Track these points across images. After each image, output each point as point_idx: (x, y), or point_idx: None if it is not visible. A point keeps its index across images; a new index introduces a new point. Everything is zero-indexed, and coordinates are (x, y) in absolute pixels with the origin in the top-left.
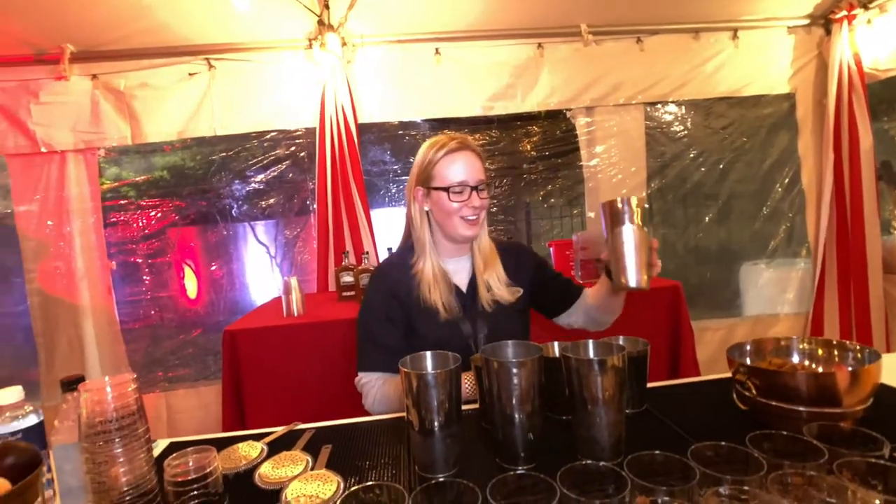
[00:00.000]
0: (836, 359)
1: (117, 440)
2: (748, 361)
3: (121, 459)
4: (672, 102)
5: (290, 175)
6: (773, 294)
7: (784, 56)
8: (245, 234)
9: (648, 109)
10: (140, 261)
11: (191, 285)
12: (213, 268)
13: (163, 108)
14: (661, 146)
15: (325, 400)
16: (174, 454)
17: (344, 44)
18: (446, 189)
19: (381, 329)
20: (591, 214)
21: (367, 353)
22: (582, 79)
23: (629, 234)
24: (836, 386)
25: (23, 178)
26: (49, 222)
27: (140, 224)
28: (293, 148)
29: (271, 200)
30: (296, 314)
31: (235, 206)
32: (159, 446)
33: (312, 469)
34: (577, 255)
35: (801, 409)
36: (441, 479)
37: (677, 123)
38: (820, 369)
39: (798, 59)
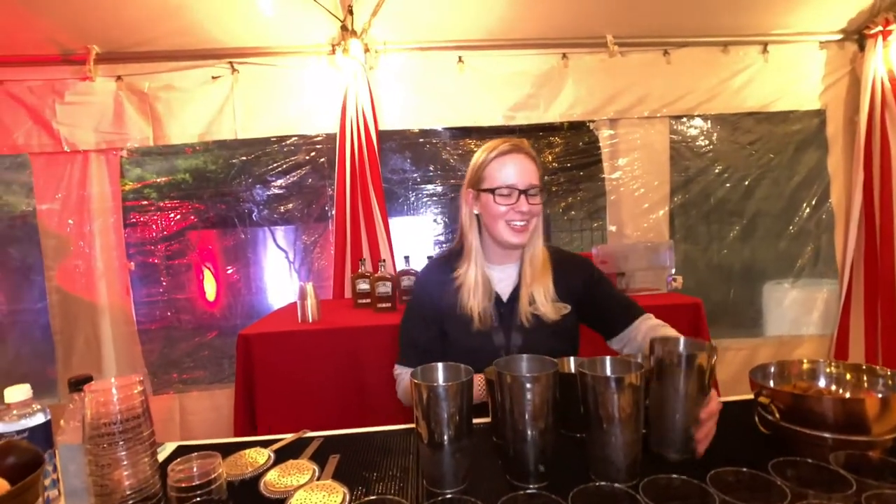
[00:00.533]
0: (865, 384)
1: (121, 443)
2: (771, 384)
3: (124, 462)
4: (698, 116)
5: (310, 180)
6: (798, 315)
7: (815, 71)
8: (264, 239)
9: (673, 123)
10: (158, 262)
11: (210, 288)
12: (230, 271)
13: (185, 111)
14: (685, 160)
15: (337, 407)
16: (178, 459)
17: (367, 50)
18: (493, 191)
19: (414, 327)
20: (612, 228)
21: (402, 346)
22: (606, 90)
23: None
24: (864, 413)
25: (45, 176)
26: (70, 221)
27: (159, 225)
28: (313, 153)
29: (290, 205)
30: (311, 320)
31: (256, 210)
32: (166, 450)
33: (318, 479)
34: None
35: (828, 435)
36: (448, 496)
37: (703, 138)
38: (847, 395)
39: (830, 74)
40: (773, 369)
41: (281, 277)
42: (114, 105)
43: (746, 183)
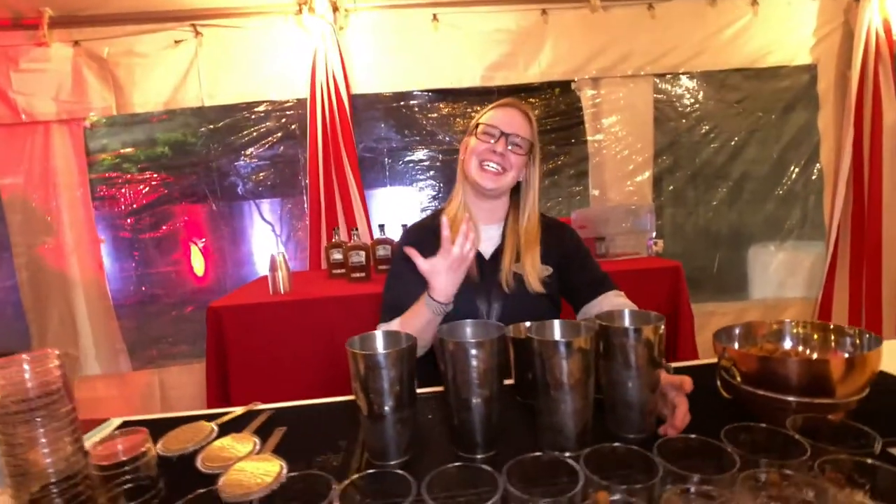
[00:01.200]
0: (833, 344)
1: (38, 420)
2: (736, 346)
3: (42, 441)
4: (683, 74)
5: (281, 148)
6: (783, 277)
7: (807, 24)
8: (250, 212)
9: (658, 81)
10: (131, 236)
11: (198, 263)
12: (201, 244)
13: (149, 77)
14: (670, 121)
15: (311, 378)
16: (102, 437)
17: (336, 9)
18: (476, 128)
19: (401, 285)
20: (595, 192)
21: (385, 307)
22: (588, 48)
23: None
24: (828, 374)
25: (6, 149)
26: (35, 195)
27: (130, 198)
28: (283, 120)
29: (262, 175)
30: (282, 291)
31: (240, 182)
32: (112, 425)
33: (259, 452)
34: None
35: (791, 398)
36: (374, 471)
37: (688, 96)
38: (814, 356)
39: (822, 27)
40: (738, 331)
41: (267, 251)
42: (72, 72)
43: (733, 143)
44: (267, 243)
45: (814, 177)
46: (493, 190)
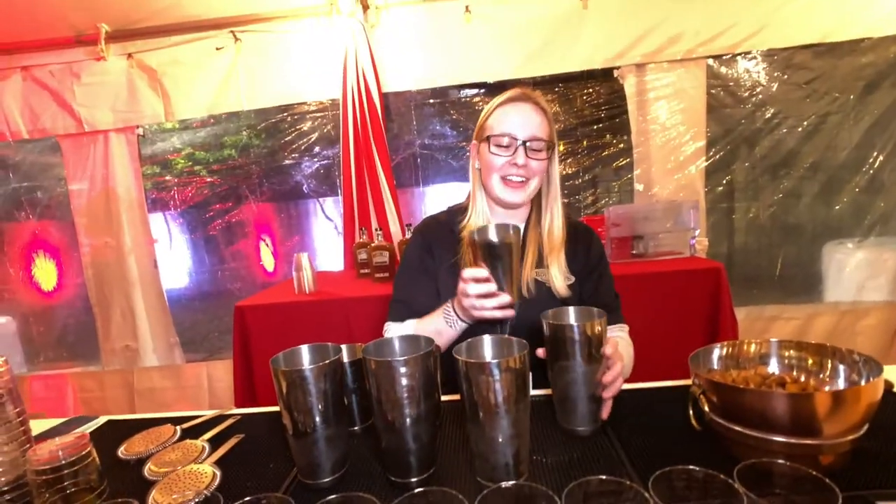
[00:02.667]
0: (828, 371)
1: None
2: (716, 367)
3: None
4: (741, 55)
5: (317, 149)
6: (863, 279)
7: None
8: (314, 210)
9: (712, 64)
10: (188, 236)
11: (268, 259)
12: (269, 241)
13: (192, 85)
14: (725, 108)
15: None
16: (44, 441)
17: (366, 7)
18: (490, 139)
19: (410, 282)
20: (639, 187)
21: (394, 303)
22: (631, 32)
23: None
24: (812, 410)
25: (74, 157)
26: (97, 199)
27: (184, 199)
28: (318, 121)
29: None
30: (307, 291)
31: (305, 183)
32: (98, 422)
33: (203, 461)
34: (608, 232)
35: (776, 438)
36: (274, 495)
37: (747, 79)
38: (802, 387)
39: None
40: (722, 352)
41: (333, 246)
42: (127, 83)
43: (801, 129)
44: (330, 238)
45: None
46: (519, 204)
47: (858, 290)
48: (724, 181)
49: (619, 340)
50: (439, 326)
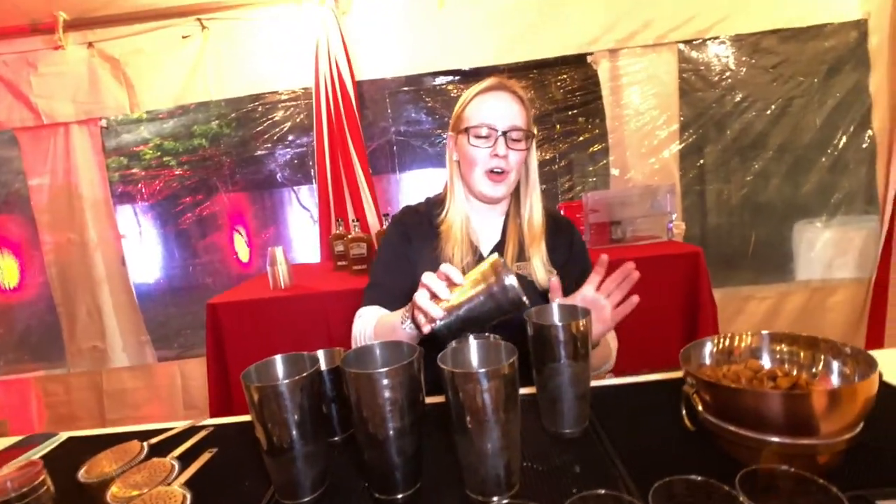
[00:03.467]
0: (820, 366)
1: None
2: (707, 363)
3: None
4: (711, 40)
5: (290, 137)
6: (832, 257)
7: None
8: (289, 199)
9: (683, 49)
10: (154, 230)
11: (242, 250)
12: (200, 236)
13: (158, 75)
14: (697, 91)
15: None
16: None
17: None
18: (468, 130)
19: (385, 271)
20: (615, 171)
21: (366, 293)
22: (605, 18)
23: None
24: (808, 409)
25: (32, 152)
26: (59, 195)
27: (153, 191)
28: (290, 111)
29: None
30: (282, 286)
31: (279, 172)
32: (59, 439)
33: (171, 483)
34: (587, 218)
35: (772, 438)
36: None
37: (717, 64)
38: (793, 382)
39: None
40: (712, 346)
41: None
42: (88, 73)
43: (769, 112)
44: (306, 228)
45: (865, 145)
46: (499, 199)
47: (827, 268)
48: (697, 164)
49: (608, 338)
50: (395, 323)
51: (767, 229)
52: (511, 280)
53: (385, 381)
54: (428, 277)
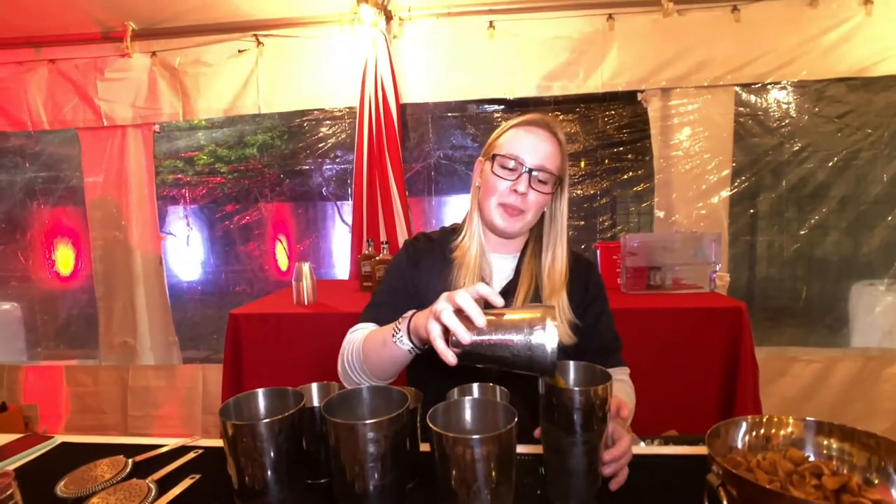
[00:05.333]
0: (876, 472)
1: None
2: (739, 446)
3: None
4: (772, 84)
5: (333, 154)
6: (893, 324)
7: None
8: (332, 213)
9: (741, 92)
10: (205, 233)
11: (282, 258)
12: (285, 240)
13: (212, 85)
14: (753, 136)
15: None
16: None
17: (390, 17)
18: (495, 158)
19: (387, 290)
20: (659, 213)
21: (365, 310)
22: (658, 56)
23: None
24: None
25: (91, 150)
26: (111, 193)
27: (198, 195)
28: (335, 128)
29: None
30: (306, 302)
31: (324, 185)
32: (53, 442)
33: None
34: (624, 260)
35: None
36: None
37: (776, 110)
38: (855, 479)
39: None
40: (748, 428)
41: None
42: (148, 81)
43: (832, 163)
44: (346, 243)
45: None
46: (510, 234)
47: (887, 336)
48: (749, 212)
49: (626, 386)
50: (386, 336)
51: (821, 287)
52: (554, 344)
53: (370, 435)
54: (463, 298)
